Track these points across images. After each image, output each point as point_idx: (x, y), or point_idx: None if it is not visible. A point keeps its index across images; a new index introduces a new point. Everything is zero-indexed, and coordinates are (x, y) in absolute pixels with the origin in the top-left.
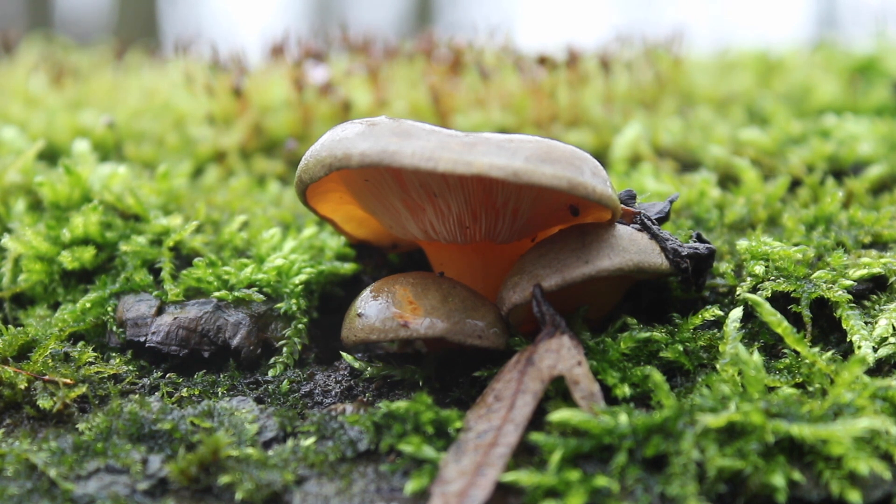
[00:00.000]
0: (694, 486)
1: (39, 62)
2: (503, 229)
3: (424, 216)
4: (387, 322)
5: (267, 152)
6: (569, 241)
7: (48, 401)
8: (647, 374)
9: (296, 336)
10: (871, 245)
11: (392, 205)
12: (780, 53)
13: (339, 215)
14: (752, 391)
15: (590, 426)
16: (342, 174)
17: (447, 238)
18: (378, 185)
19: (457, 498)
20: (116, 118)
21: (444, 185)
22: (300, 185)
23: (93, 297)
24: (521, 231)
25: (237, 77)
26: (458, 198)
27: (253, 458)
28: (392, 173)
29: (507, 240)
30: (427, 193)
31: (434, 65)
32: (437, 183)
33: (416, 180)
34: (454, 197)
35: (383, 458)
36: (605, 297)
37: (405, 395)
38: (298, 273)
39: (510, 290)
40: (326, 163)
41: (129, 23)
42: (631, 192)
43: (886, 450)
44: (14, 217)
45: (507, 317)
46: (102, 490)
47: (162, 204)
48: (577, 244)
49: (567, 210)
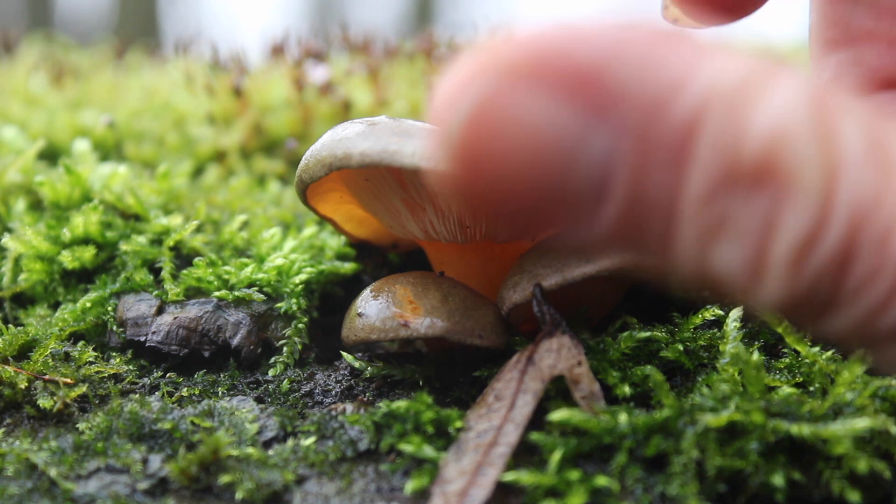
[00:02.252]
0: (694, 485)
1: (39, 62)
2: (504, 229)
3: (424, 216)
4: (387, 322)
5: (267, 152)
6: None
7: (48, 400)
8: (647, 373)
9: (296, 336)
10: None
11: (392, 204)
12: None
13: (340, 215)
14: (752, 391)
15: (590, 426)
16: (342, 174)
17: (447, 238)
18: (378, 185)
19: (457, 497)
20: (116, 118)
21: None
22: (300, 185)
23: (93, 297)
24: (521, 231)
25: (237, 77)
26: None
27: (253, 458)
28: (392, 173)
29: (508, 240)
30: (427, 193)
31: (434, 64)
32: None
33: (417, 180)
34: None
35: (383, 457)
36: (605, 297)
37: (405, 394)
38: (299, 273)
39: (510, 289)
40: (327, 162)
41: (129, 23)
42: None
43: (887, 449)
44: (14, 217)
45: (507, 317)
46: (103, 489)
47: (162, 204)
48: (577, 244)
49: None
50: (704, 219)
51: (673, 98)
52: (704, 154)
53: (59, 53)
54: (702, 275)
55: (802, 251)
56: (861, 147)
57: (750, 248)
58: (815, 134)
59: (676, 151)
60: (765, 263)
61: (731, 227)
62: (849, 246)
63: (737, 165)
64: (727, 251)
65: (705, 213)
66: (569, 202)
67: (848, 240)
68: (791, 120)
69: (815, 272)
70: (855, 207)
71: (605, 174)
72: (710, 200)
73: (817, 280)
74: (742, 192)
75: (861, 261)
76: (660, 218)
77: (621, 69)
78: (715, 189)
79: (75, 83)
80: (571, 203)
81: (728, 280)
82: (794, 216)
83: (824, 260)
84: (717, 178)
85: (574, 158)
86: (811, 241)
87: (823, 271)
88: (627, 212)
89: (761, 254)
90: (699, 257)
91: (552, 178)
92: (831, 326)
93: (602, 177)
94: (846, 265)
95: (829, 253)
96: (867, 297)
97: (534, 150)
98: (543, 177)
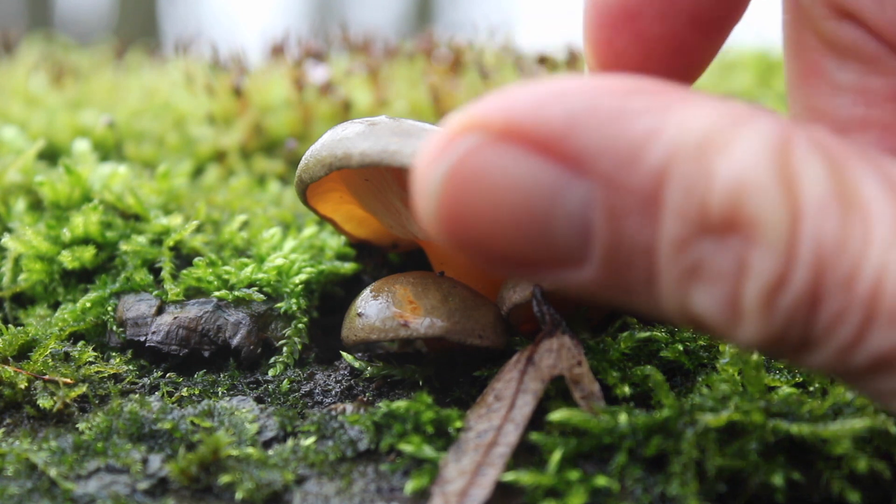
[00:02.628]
0: (694, 485)
1: (39, 62)
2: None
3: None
4: (387, 322)
5: (267, 152)
6: None
7: (48, 400)
8: (647, 373)
9: (296, 336)
10: None
11: (392, 204)
12: (780, 53)
13: (340, 215)
14: (752, 391)
15: (590, 426)
16: (342, 174)
17: None
18: (378, 185)
19: (457, 497)
20: (116, 118)
21: None
22: (300, 185)
23: (93, 297)
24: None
25: (237, 77)
26: None
27: (253, 458)
28: (392, 172)
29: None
30: None
31: (434, 64)
32: None
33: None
34: None
35: (383, 457)
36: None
37: (405, 394)
38: (299, 273)
39: (510, 289)
40: (326, 162)
41: (129, 22)
42: None
43: (886, 449)
44: (14, 217)
45: (507, 316)
46: (103, 489)
47: (162, 203)
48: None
49: None
50: (681, 263)
51: (641, 153)
52: (674, 204)
53: (59, 53)
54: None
55: (772, 294)
56: (824, 190)
57: (725, 290)
58: (776, 181)
59: (648, 201)
60: (739, 305)
61: (707, 271)
62: (815, 287)
63: (705, 214)
64: (704, 294)
65: (681, 258)
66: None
67: (814, 281)
68: (752, 169)
69: (787, 313)
70: (818, 250)
71: (584, 224)
72: (684, 246)
73: (789, 320)
74: (713, 237)
75: (829, 301)
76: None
77: (591, 127)
78: (688, 235)
79: (75, 83)
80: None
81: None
82: (762, 261)
83: (794, 301)
84: (688, 225)
85: (553, 210)
86: (779, 284)
87: (794, 312)
88: (610, 259)
89: (736, 296)
90: (681, 300)
91: (534, 229)
92: (809, 362)
93: (582, 226)
94: (815, 306)
95: (797, 294)
96: (838, 335)
97: (511, 204)
98: (525, 229)
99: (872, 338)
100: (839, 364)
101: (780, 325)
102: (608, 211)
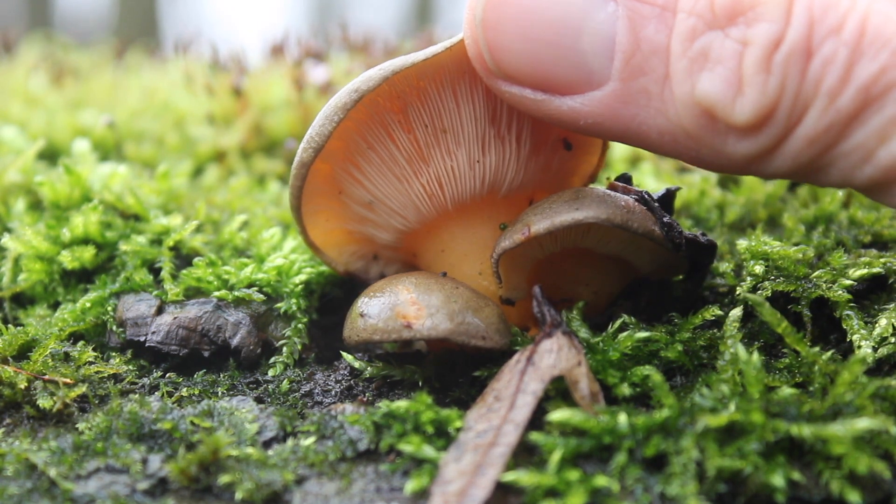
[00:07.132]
0: (694, 485)
1: (39, 62)
2: (510, 163)
3: (430, 164)
4: (389, 322)
5: (267, 152)
6: (563, 195)
7: (48, 400)
8: (647, 373)
9: (296, 336)
10: (871, 244)
11: (396, 165)
12: None
13: (326, 240)
14: (752, 391)
15: (590, 426)
16: (340, 155)
17: (455, 188)
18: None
19: (457, 497)
20: (116, 118)
21: (455, 106)
22: (301, 169)
23: (93, 297)
24: (524, 167)
25: (237, 77)
26: (468, 125)
27: (253, 458)
28: (398, 111)
29: (513, 184)
30: (435, 130)
31: None
32: (448, 110)
33: (425, 114)
34: (462, 125)
35: (383, 457)
36: (602, 280)
37: (405, 394)
38: (298, 273)
39: (502, 239)
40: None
41: (129, 23)
42: (626, 176)
43: (886, 449)
44: (14, 217)
45: (495, 266)
46: (102, 490)
47: (162, 203)
48: (571, 197)
49: (561, 144)
50: (691, 54)
51: None
52: (686, 6)
53: (59, 53)
54: (693, 105)
55: (769, 54)
56: None
57: (728, 67)
58: None
59: (665, 7)
60: (741, 77)
61: (712, 57)
62: (807, 41)
63: (713, 9)
64: (710, 76)
65: (691, 50)
66: (579, 70)
67: (806, 35)
68: None
69: (783, 68)
70: (810, 10)
71: (609, 37)
72: (694, 37)
73: (784, 76)
74: (719, 28)
75: (819, 51)
76: (656, 65)
77: None
78: (697, 28)
79: (75, 83)
80: (581, 71)
81: (713, 102)
82: (761, 31)
83: (788, 54)
84: (697, 20)
85: (583, 25)
86: (776, 44)
87: (789, 66)
88: (628, 67)
89: (737, 69)
90: (690, 88)
91: (565, 43)
92: (826, 171)
93: (607, 39)
94: (807, 57)
95: (791, 47)
96: (827, 80)
97: (549, 20)
98: (556, 46)
99: (857, 72)
100: (851, 169)
101: (776, 85)
102: (631, 21)
